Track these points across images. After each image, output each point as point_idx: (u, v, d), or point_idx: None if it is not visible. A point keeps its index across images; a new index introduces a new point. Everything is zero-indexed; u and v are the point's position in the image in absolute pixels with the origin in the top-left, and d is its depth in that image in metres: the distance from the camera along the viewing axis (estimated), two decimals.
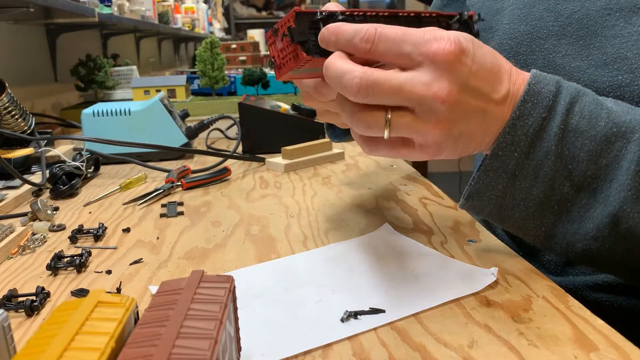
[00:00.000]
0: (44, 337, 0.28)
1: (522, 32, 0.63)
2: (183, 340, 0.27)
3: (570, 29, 0.59)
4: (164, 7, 2.87)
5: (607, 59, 0.56)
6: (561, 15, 0.60)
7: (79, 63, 1.67)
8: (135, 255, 0.57)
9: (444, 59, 0.41)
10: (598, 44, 0.57)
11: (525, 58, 0.62)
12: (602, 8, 0.57)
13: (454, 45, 0.41)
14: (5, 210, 0.74)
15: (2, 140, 0.94)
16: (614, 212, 0.43)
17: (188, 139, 1.03)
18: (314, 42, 0.47)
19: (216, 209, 0.72)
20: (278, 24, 0.48)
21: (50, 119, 1.38)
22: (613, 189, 0.44)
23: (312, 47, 0.46)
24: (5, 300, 0.47)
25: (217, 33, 4.79)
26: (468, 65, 0.42)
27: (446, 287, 0.46)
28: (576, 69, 0.58)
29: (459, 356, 0.37)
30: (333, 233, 0.61)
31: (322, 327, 0.41)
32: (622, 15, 0.56)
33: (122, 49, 2.47)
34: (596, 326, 0.39)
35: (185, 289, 0.32)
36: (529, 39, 0.62)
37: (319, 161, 0.95)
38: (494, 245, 0.55)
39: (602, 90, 0.56)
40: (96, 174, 0.95)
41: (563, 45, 0.59)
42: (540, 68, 0.60)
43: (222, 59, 1.43)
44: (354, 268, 0.51)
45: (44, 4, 1.18)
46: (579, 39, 0.58)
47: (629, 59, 0.54)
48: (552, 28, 0.61)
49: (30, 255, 0.59)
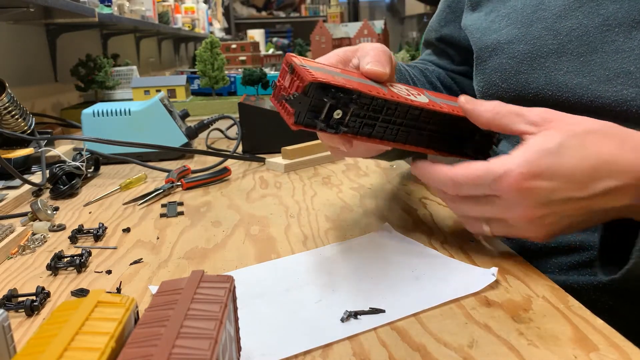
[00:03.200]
0: (44, 337, 0.28)
1: (521, 52, 0.63)
2: (183, 340, 0.27)
3: (570, 46, 0.59)
4: (164, 7, 2.88)
5: (609, 75, 0.56)
6: (560, 34, 0.60)
7: (79, 63, 1.67)
8: (135, 255, 0.57)
9: (515, 192, 0.44)
10: (599, 60, 0.57)
11: (526, 77, 0.62)
12: (600, 24, 0.57)
13: (522, 176, 0.44)
14: (5, 210, 0.74)
15: (2, 140, 0.94)
16: None
17: (188, 139, 1.03)
18: (311, 116, 0.46)
19: (216, 209, 0.72)
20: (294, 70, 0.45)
21: (50, 119, 1.38)
22: None
23: (304, 119, 0.45)
24: (6, 300, 0.47)
25: (217, 33, 4.80)
26: (544, 185, 0.44)
27: (446, 287, 0.46)
28: (578, 85, 0.58)
29: (459, 356, 0.37)
30: (333, 233, 0.61)
31: (322, 327, 0.41)
32: (622, 30, 0.56)
33: (122, 49, 2.47)
34: (596, 326, 0.39)
35: (185, 289, 0.32)
36: (530, 58, 0.62)
37: (319, 161, 0.95)
38: (493, 245, 0.55)
39: (607, 105, 0.56)
40: (96, 174, 0.95)
41: (564, 62, 0.59)
42: (542, 86, 0.61)
43: (222, 59, 1.43)
44: (354, 268, 0.51)
45: (44, 4, 1.18)
46: (580, 56, 0.58)
47: (632, 74, 0.54)
48: (551, 46, 0.61)
49: (31, 255, 0.59)
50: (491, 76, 0.67)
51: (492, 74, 0.67)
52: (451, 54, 0.86)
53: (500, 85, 0.66)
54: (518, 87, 0.64)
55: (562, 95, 0.59)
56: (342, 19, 3.11)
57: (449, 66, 0.86)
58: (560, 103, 0.59)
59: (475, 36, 0.71)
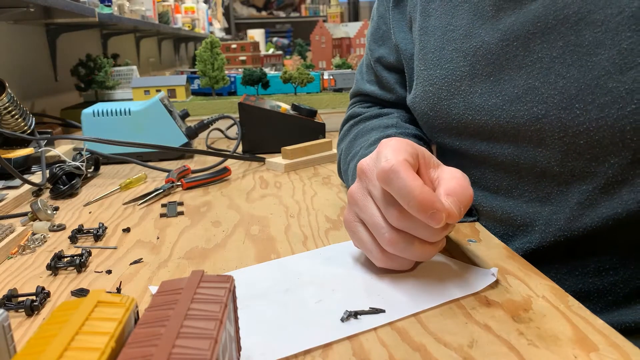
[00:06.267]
0: (44, 337, 0.28)
1: (438, 77, 0.62)
2: (183, 340, 0.27)
3: (479, 67, 0.58)
4: (164, 7, 2.88)
5: (518, 92, 0.54)
6: (467, 54, 0.59)
7: (79, 63, 1.67)
8: (135, 255, 0.57)
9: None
10: (507, 78, 0.55)
11: (447, 103, 0.61)
12: (499, 40, 0.56)
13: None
14: (6, 210, 0.74)
15: (2, 140, 0.94)
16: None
17: (188, 139, 1.03)
18: None
19: (216, 209, 0.72)
20: None
21: (50, 119, 1.38)
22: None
23: None
24: (6, 300, 0.47)
25: (217, 33, 4.80)
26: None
27: (447, 287, 0.46)
28: (494, 106, 0.56)
29: (459, 356, 0.37)
30: (333, 233, 0.61)
31: (322, 327, 0.41)
32: (520, 44, 0.54)
33: (122, 49, 2.47)
34: (596, 326, 0.39)
35: (185, 288, 0.32)
36: (447, 83, 0.61)
37: (319, 161, 0.95)
38: (494, 245, 0.55)
39: (522, 125, 0.54)
40: (96, 174, 0.95)
41: (477, 84, 0.58)
42: (462, 112, 0.59)
43: (222, 59, 1.43)
44: (354, 268, 0.51)
45: (44, 4, 1.18)
46: (490, 76, 0.57)
47: (537, 89, 0.53)
48: (463, 69, 0.59)
49: (31, 255, 0.59)
50: (420, 105, 0.65)
51: (420, 102, 0.65)
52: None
53: (428, 113, 0.64)
54: (442, 114, 0.62)
55: (481, 119, 0.58)
56: (342, 19, 3.11)
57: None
58: (480, 127, 0.58)
59: (406, 61, 0.70)
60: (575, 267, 0.55)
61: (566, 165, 0.53)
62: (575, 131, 0.50)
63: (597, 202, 0.52)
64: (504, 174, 0.59)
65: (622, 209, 0.50)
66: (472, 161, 0.62)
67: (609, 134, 0.48)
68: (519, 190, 0.58)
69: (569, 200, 0.53)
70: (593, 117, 0.49)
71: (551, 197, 0.55)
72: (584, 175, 0.52)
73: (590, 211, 0.52)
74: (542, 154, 0.54)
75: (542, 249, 0.56)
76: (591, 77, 0.49)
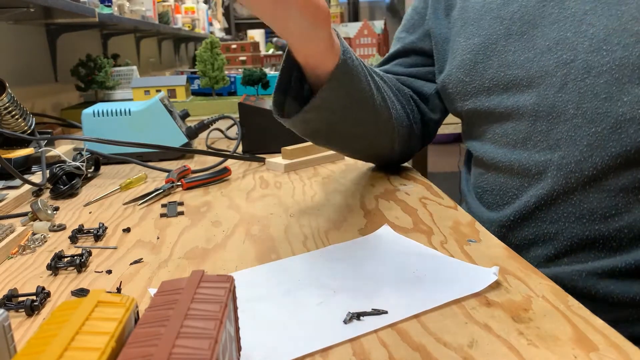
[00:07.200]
0: (44, 336, 0.28)
1: (476, 44, 0.70)
2: (183, 340, 0.27)
3: (514, 28, 0.66)
4: (164, 7, 2.88)
5: (550, 44, 0.62)
6: (505, 19, 0.67)
7: (79, 63, 1.67)
8: (136, 255, 0.57)
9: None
10: (540, 34, 0.63)
11: (483, 65, 0.69)
12: (536, 2, 0.64)
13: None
14: (6, 210, 0.74)
15: (2, 140, 0.94)
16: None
17: (188, 139, 1.03)
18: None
19: (216, 209, 0.72)
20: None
21: (50, 119, 1.38)
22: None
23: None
24: (6, 300, 0.47)
25: (217, 33, 4.79)
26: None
27: (449, 287, 0.46)
28: (526, 60, 0.64)
29: (459, 356, 0.37)
30: (333, 233, 0.61)
31: (325, 329, 0.40)
32: (556, 3, 0.62)
33: (122, 49, 2.47)
34: (596, 326, 0.39)
35: (186, 288, 0.32)
36: (484, 47, 0.69)
37: (319, 161, 0.95)
38: (493, 245, 0.55)
39: (550, 73, 0.61)
40: (96, 174, 0.95)
41: (511, 43, 0.66)
42: (496, 70, 0.67)
43: (222, 59, 1.43)
44: (355, 269, 0.51)
45: (44, 4, 1.18)
46: (523, 34, 0.65)
47: (569, 39, 0.60)
48: (499, 32, 0.68)
49: (31, 255, 0.59)
50: (456, 75, 0.73)
51: (456, 73, 0.73)
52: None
53: (464, 80, 0.71)
54: (477, 77, 0.70)
55: (512, 74, 0.65)
56: (342, 19, 3.11)
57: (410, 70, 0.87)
58: (511, 82, 0.66)
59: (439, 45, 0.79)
60: (583, 215, 0.60)
61: (581, 107, 0.58)
62: (599, 71, 0.57)
63: (606, 142, 0.57)
64: (523, 126, 0.65)
65: (630, 146, 0.55)
66: (497, 119, 0.68)
67: (628, 71, 0.55)
68: (532, 141, 0.64)
69: (578, 144, 0.59)
70: (617, 57, 0.56)
71: (560, 143, 0.61)
72: (595, 117, 0.57)
73: (600, 150, 0.57)
74: (561, 99, 0.60)
75: (554, 195, 0.61)
76: (619, 23, 0.56)
